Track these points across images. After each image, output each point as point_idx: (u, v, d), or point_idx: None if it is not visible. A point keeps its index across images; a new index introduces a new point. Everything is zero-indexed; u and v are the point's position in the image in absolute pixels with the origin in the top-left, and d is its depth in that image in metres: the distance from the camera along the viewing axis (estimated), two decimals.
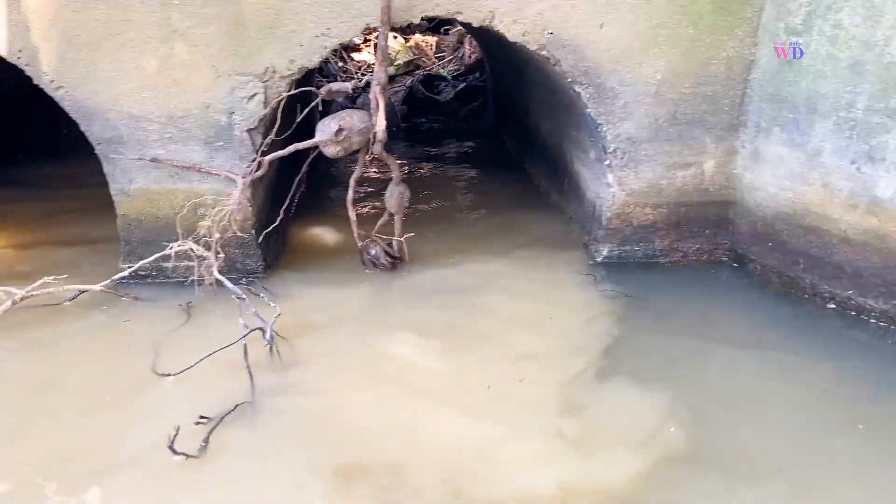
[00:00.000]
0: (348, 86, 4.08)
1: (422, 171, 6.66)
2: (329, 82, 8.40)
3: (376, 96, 3.99)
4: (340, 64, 8.67)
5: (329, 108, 4.16)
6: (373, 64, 9.21)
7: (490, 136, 7.75)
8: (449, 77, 8.88)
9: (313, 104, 4.01)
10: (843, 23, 3.58)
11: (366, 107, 4.13)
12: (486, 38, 6.21)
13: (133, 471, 2.73)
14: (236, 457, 2.81)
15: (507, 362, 3.45)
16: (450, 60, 9.13)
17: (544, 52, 4.03)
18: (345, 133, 3.98)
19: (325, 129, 3.99)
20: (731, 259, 4.43)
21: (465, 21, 3.98)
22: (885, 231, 3.54)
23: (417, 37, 9.57)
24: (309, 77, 4.21)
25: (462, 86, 8.70)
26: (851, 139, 3.61)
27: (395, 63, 9.03)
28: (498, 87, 7.84)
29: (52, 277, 3.81)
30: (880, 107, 3.46)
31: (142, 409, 3.08)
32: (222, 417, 2.97)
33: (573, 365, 3.42)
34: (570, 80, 4.10)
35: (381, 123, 3.99)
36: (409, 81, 8.69)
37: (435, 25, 9.66)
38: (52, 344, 3.57)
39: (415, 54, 9.20)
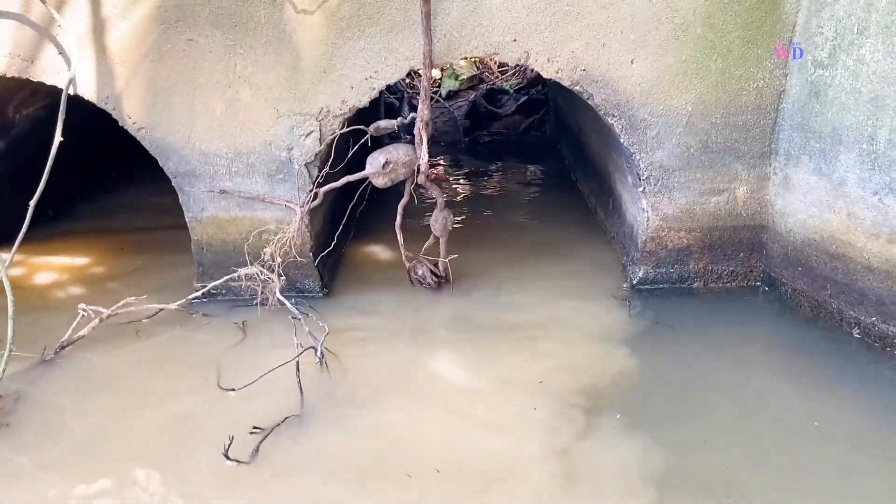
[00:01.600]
0: (394, 123, 4.42)
1: (477, 184, 6.96)
2: (397, 98, 8.95)
3: (420, 132, 4.32)
4: (408, 80, 9.05)
5: (379, 142, 4.50)
6: (439, 79, 9.63)
7: (548, 150, 7.98)
8: (511, 90, 9.13)
9: (363, 140, 4.36)
10: (865, 58, 3.69)
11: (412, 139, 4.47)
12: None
13: (194, 472, 3.15)
14: (283, 465, 3.19)
15: (529, 387, 3.72)
16: (512, 74, 9.38)
17: (578, 88, 4.28)
18: (391, 166, 4.33)
19: (374, 162, 4.35)
20: (764, 283, 4.57)
21: (503, 61, 4.27)
22: None
23: None
24: (374, 103, 4.54)
25: (523, 99, 8.94)
26: (874, 170, 3.71)
27: (460, 78, 9.35)
28: (557, 100, 8.07)
29: (133, 298, 4.31)
30: None
31: (205, 419, 3.49)
32: (273, 428, 3.36)
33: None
34: (603, 112, 4.33)
35: (424, 156, 4.32)
36: (472, 96, 8.99)
37: None
38: (132, 357, 4.05)
39: (478, 69, 9.49)
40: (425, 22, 4.05)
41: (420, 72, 4.29)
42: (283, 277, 4.39)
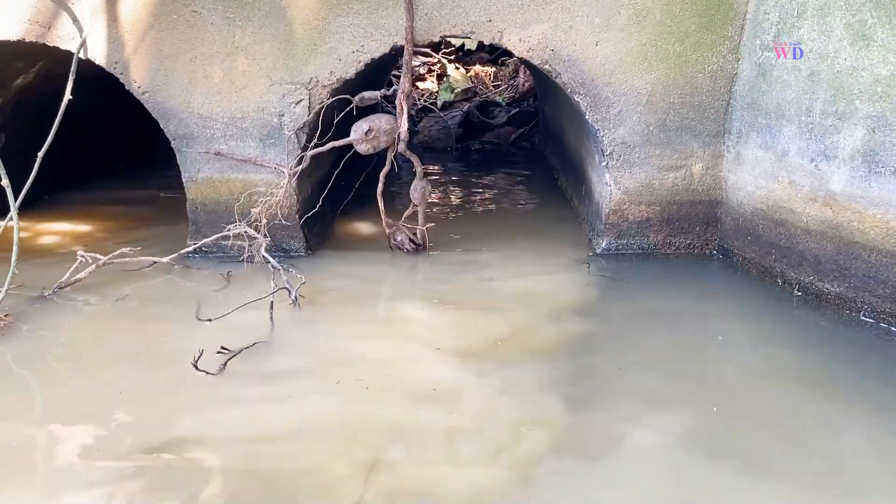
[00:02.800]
0: (377, 94, 4.80)
1: (466, 184, 7.32)
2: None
3: (401, 103, 4.70)
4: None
5: (363, 114, 4.86)
6: (435, 92, 10.08)
7: (535, 157, 8.36)
8: (503, 103, 9.55)
9: (347, 109, 4.74)
10: (804, 38, 4.07)
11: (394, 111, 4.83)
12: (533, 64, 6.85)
13: (168, 384, 3.44)
14: (249, 378, 3.47)
15: (496, 325, 4.02)
16: (505, 89, 9.81)
17: (547, 66, 4.66)
18: (373, 133, 4.69)
19: (357, 130, 4.71)
20: (718, 253, 4.89)
21: (478, 39, 4.66)
22: (838, 221, 3.95)
23: (477, 67, 10.32)
24: (373, 108, 4.94)
25: (515, 111, 9.36)
26: (811, 139, 4.06)
27: (455, 91, 9.79)
28: (545, 109, 8.47)
29: (129, 248, 4.65)
30: (832, 110, 3.91)
31: (182, 344, 3.78)
32: (240, 350, 3.64)
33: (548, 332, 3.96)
34: (570, 90, 4.70)
35: (403, 126, 4.69)
36: (466, 107, 9.41)
37: (494, 58, 10.38)
38: (126, 299, 4.36)
39: (473, 83, 9.93)
40: (407, 0, 4.45)
41: (403, 49, 4.67)
42: (268, 238, 4.70)
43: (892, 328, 3.78)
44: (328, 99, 4.74)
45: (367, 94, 4.78)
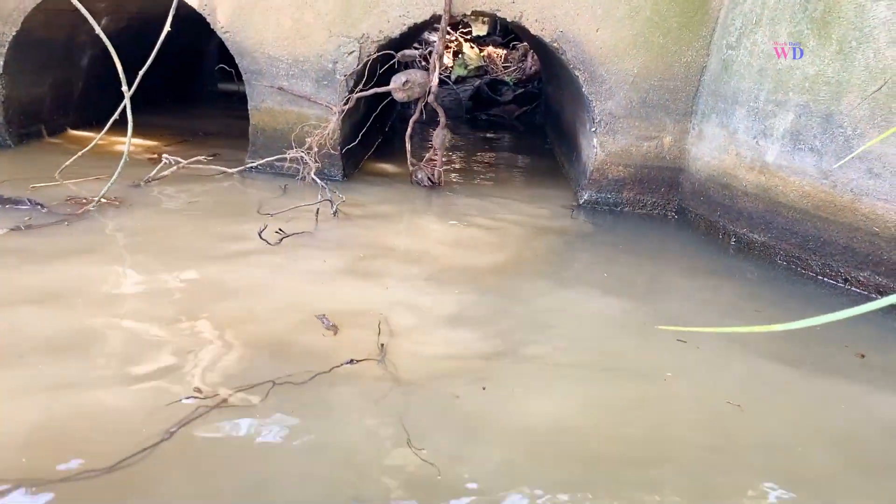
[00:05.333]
0: (416, 53, 5.88)
1: (473, 145, 8.41)
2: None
3: (435, 61, 5.78)
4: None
5: (402, 69, 5.94)
6: (451, 67, 11.14)
7: (535, 132, 9.48)
8: (511, 83, 10.65)
9: (391, 62, 5.81)
10: (758, 41, 5.18)
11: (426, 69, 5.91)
12: (541, 49, 7.95)
13: (238, 254, 4.51)
14: (299, 249, 4.55)
15: (493, 235, 5.13)
16: (514, 70, 10.90)
17: (556, 45, 5.76)
18: (409, 84, 5.78)
19: (397, 80, 5.80)
20: (677, 212, 6.02)
21: (502, 17, 5.74)
22: (768, 185, 5.08)
23: (490, 49, 11.40)
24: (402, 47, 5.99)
25: (521, 90, 10.47)
26: (755, 121, 5.18)
27: (468, 68, 10.88)
28: (547, 89, 9.58)
29: (203, 157, 5.71)
30: (773, 99, 5.04)
31: (247, 232, 4.84)
32: (292, 234, 4.71)
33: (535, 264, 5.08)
34: (572, 66, 5.80)
35: (434, 80, 5.78)
36: (477, 83, 10.50)
37: (506, 41, 11.46)
38: (203, 193, 5.43)
39: (486, 62, 11.02)
40: None
41: (441, 17, 5.74)
42: (318, 163, 5.78)
43: (799, 269, 4.91)
44: (375, 52, 5.81)
45: (407, 51, 5.87)
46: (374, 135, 6.99)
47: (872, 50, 4.36)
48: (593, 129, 5.93)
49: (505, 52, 11.29)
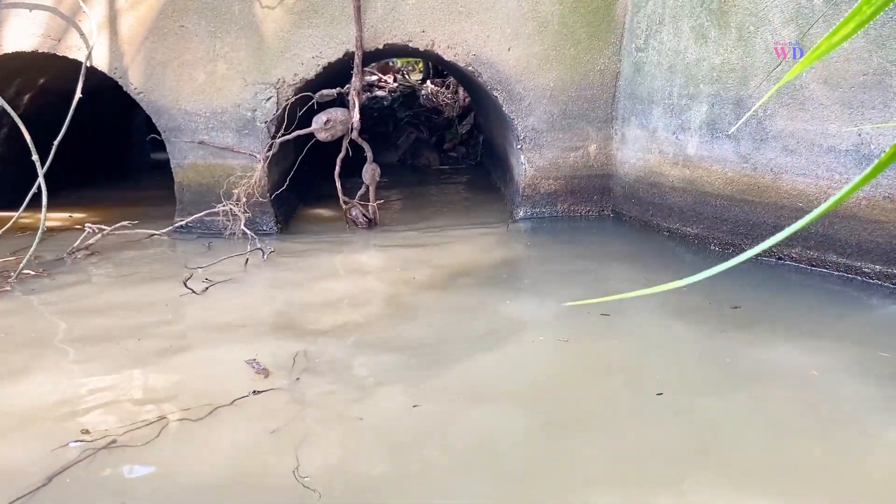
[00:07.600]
0: (334, 91, 5.88)
1: (414, 184, 8.43)
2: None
3: (353, 98, 5.78)
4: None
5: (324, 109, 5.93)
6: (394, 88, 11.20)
7: (479, 165, 9.54)
8: (458, 136, 10.53)
9: (310, 104, 5.80)
10: (664, 39, 5.29)
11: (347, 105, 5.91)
12: (463, 77, 8.03)
13: (165, 300, 4.40)
14: (227, 294, 4.45)
15: (438, 254, 5.08)
16: (450, 102, 10.94)
17: (470, 68, 5.81)
18: (331, 122, 5.76)
19: (317, 121, 5.78)
20: (612, 216, 6.05)
21: (414, 47, 5.79)
22: (693, 178, 5.13)
23: (431, 86, 11.58)
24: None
25: (465, 133, 10.46)
26: (672, 117, 5.25)
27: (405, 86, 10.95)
28: (479, 120, 9.66)
29: (128, 222, 5.60)
30: (685, 93, 5.12)
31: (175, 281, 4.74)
32: (219, 282, 4.62)
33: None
34: (489, 87, 5.85)
35: (355, 116, 5.77)
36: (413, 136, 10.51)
37: (444, 83, 11.60)
38: (129, 259, 5.31)
39: (433, 103, 11.07)
40: (356, 15, 5.57)
41: (354, 54, 5.76)
42: (248, 213, 5.69)
43: (732, 254, 4.92)
44: (293, 96, 5.79)
45: (325, 91, 5.85)
46: (316, 178, 6.93)
47: (769, 31, 4.46)
48: (519, 147, 5.96)
49: (438, 89, 11.40)
